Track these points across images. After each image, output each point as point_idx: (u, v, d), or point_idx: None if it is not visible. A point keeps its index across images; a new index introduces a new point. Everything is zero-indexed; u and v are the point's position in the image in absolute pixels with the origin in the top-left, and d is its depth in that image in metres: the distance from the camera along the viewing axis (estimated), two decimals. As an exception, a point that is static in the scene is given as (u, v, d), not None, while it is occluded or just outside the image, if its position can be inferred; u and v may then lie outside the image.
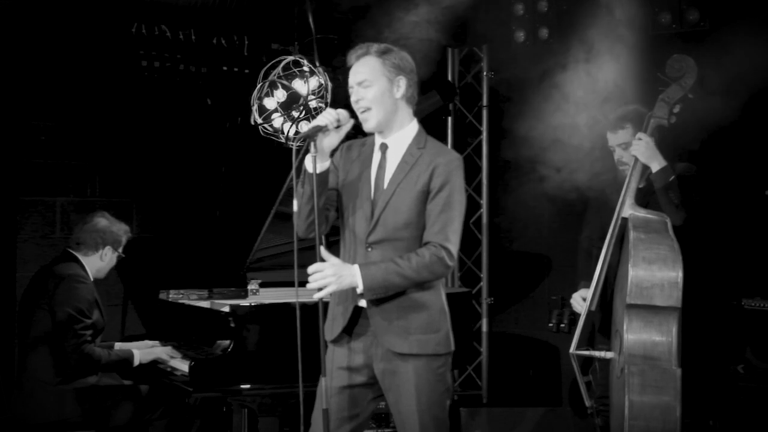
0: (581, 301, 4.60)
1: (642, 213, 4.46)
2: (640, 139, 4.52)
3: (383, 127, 3.71)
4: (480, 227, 7.61)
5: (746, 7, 5.88)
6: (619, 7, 5.71)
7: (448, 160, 3.66)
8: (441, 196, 3.62)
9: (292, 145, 3.63)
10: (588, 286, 4.63)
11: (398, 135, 3.72)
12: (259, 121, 5.49)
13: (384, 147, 3.73)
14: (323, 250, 3.56)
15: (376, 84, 3.64)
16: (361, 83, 3.66)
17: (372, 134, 3.79)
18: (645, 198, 4.56)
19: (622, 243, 4.47)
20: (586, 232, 4.92)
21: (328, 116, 3.58)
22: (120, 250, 5.37)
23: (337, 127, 3.61)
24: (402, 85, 3.68)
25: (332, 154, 3.71)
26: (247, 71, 6.65)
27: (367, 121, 3.67)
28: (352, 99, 3.69)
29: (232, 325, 4.74)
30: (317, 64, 5.64)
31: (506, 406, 6.59)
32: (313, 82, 5.52)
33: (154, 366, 5.19)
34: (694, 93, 4.57)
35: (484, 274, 7.59)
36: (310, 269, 3.55)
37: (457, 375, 7.59)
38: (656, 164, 4.49)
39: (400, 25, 6.18)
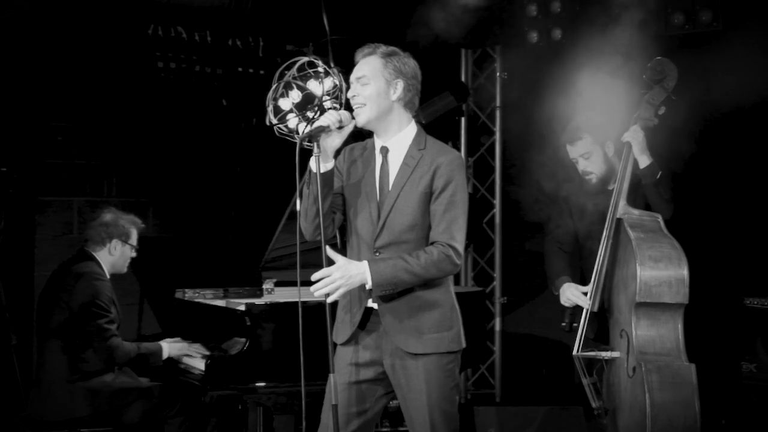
0: (582, 295, 4.62)
1: (636, 213, 4.51)
2: (635, 130, 4.56)
3: (374, 125, 3.74)
4: (493, 227, 7.64)
5: (759, 7, 5.89)
6: (632, 8, 5.73)
7: (449, 160, 3.68)
8: (444, 195, 3.65)
9: (308, 145, 3.64)
10: (569, 281, 4.69)
11: (397, 138, 3.75)
12: (274, 121, 5.51)
13: (385, 150, 3.75)
14: (329, 250, 3.58)
15: (374, 83, 3.67)
16: (360, 79, 3.70)
17: (371, 137, 3.83)
18: (632, 195, 4.59)
19: (614, 244, 4.52)
20: (553, 236, 4.94)
21: (331, 117, 3.62)
22: (131, 242, 5.38)
23: (340, 127, 3.64)
24: (399, 88, 3.70)
25: (335, 156, 3.74)
26: (262, 72, 6.68)
27: (358, 115, 3.70)
28: (349, 94, 3.74)
29: (248, 323, 4.77)
30: (332, 65, 5.67)
31: (519, 405, 6.59)
32: (328, 82, 5.54)
33: (171, 364, 5.23)
34: (676, 95, 4.61)
35: (497, 274, 7.62)
36: (316, 276, 3.57)
37: (471, 374, 7.62)
38: (646, 159, 4.54)
39: (414, 26, 6.23)
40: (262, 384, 4.73)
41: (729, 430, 5.72)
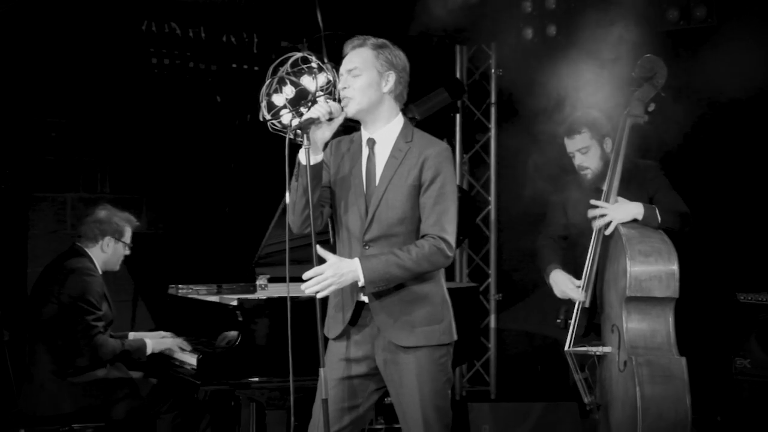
0: (576, 288, 4.61)
1: None
2: (605, 207, 4.49)
3: (363, 116, 3.71)
4: (488, 224, 7.64)
5: (753, 3, 5.89)
6: (627, 4, 5.73)
7: (437, 152, 3.65)
8: (433, 188, 3.62)
9: (299, 140, 3.62)
10: (560, 268, 4.68)
11: (385, 130, 3.72)
12: (268, 117, 5.49)
13: (371, 142, 3.73)
14: (320, 249, 3.56)
15: (365, 74, 3.65)
16: (351, 71, 3.67)
17: (359, 129, 3.80)
18: (623, 191, 4.58)
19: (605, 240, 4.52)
20: (547, 233, 4.94)
21: (320, 109, 3.59)
22: (125, 239, 5.36)
23: (330, 119, 3.62)
24: (390, 81, 3.68)
25: (323, 149, 3.72)
26: (256, 68, 6.67)
27: (347, 106, 3.67)
28: (340, 86, 3.71)
29: (240, 319, 4.76)
30: (325, 60, 5.66)
31: (514, 401, 6.58)
32: (322, 78, 5.52)
33: (164, 359, 5.22)
34: (666, 92, 4.61)
35: (492, 271, 7.62)
36: (308, 274, 3.54)
37: (466, 371, 7.61)
38: (638, 212, 4.46)
39: (416, 19, 6.23)
40: (255, 379, 4.72)
41: (724, 426, 5.72)
